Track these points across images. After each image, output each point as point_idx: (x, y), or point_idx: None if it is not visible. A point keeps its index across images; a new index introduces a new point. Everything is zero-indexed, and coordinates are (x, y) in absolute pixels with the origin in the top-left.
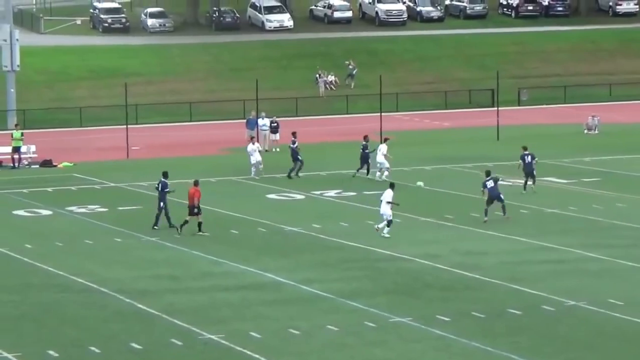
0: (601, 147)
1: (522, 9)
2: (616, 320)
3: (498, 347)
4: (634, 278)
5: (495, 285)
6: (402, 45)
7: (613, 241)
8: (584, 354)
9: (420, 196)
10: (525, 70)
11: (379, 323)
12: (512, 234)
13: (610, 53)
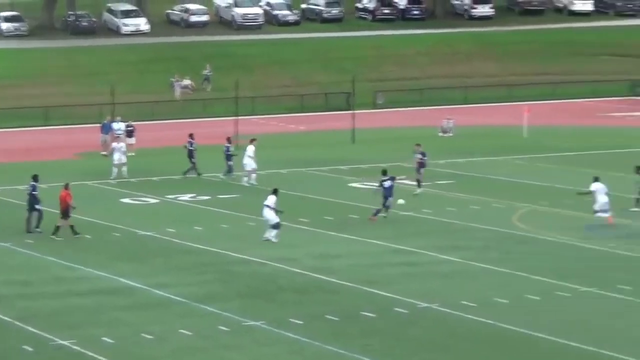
0: (456, 150)
1: (378, 12)
2: (469, 322)
3: (351, 349)
4: (487, 280)
5: (349, 288)
6: (259, 49)
7: (466, 243)
8: (437, 356)
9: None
10: (382, 74)
11: (232, 327)
12: (366, 237)
13: (467, 56)
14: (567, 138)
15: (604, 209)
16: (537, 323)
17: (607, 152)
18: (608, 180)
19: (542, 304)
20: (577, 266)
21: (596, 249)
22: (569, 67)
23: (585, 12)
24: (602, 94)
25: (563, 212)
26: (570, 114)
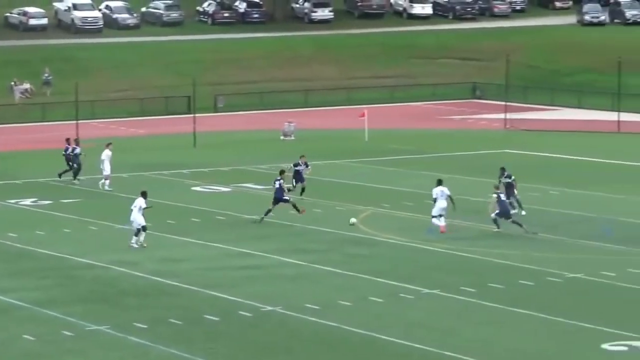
0: (297, 153)
1: (218, 16)
2: (312, 324)
3: (195, 353)
4: (330, 282)
5: (192, 291)
6: (98, 53)
7: (309, 246)
8: (281, 358)
9: (113, 203)
10: (222, 77)
11: (75, 331)
12: (209, 241)
13: (307, 59)
14: (408, 141)
15: (440, 214)
16: (381, 325)
17: (449, 155)
18: (449, 182)
19: (386, 306)
20: (420, 268)
21: (438, 250)
22: (409, 70)
23: (425, 16)
24: (443, 97)
25: (404, 215)
26: (411, 117)
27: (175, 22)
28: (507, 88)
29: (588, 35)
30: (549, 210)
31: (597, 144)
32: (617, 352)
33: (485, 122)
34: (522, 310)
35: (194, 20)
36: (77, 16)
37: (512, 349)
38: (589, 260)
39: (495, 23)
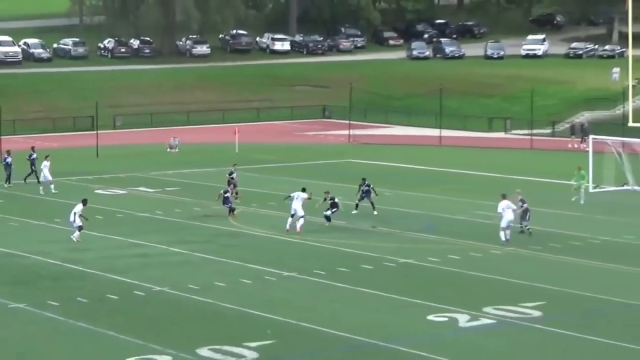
0: (181, 163)
1: (116, 51)
2: (195, 302)
3: (99, 326)
4: (208, 267)
5: (96, 275)
6: (19, 81)
7: (191, 238)
8: (170, 329)
9: (33, 203)
10: (120, 101)
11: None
12: (109, 234)
13: (189, 87)
14: (271, 152)
15: (299, 215)
16: (250, 302)
17: (304, 164)
18: (305, 186)
19: (254, 286)
20: (281, 255)
21: (295, 241)
22: (271, 95)
23: (284, 51)
24: (298, 117)
25: (268, 213)
26: (273, 133)
27: (81, 56)
28: (351, 109)
29: (415, 67)
30: (386, 208)
31: (423, 155)
32: (439, 322)
33: (333, 137)
34: (364, 289)
35: (97, 55)
36: (1, 51)
37: (358, 322)
38: (418, 248)
39: (341, 57)
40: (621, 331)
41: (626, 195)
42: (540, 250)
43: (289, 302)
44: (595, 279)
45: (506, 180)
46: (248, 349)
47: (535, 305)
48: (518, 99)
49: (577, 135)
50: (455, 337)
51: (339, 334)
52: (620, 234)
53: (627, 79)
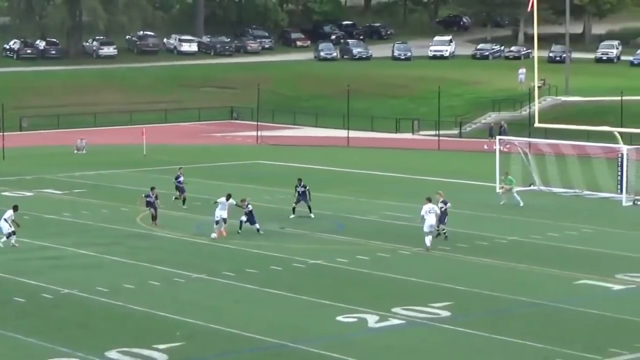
0: (88, 164)
1: (22, 52)
2: (103, 304)
3: (6, 329)
4: (117, 269)
5: (3, 278)
6: None
7: (99, 240)
8: (78, 332)
9: None
10: (26, 102)
11: None
12: (17, 236)
13: (95, 88)
14: (179, 154)
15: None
16: (158, 304)
17: (213, 165)
18: (215, 187)
19: (162, 288)
20: (190, 257)
21: (204, 243)
22: (179, 96)
23: (191, 52)
24: (206, 119)
25: (177, 214)
26: (180, 134)
27: None
28: (259, 111)
29: (323, 68)
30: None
31: (331, 156)
32: (348, 322)
33: (241, 139)
34: (273, 290)
35: (2, 56)
36: None
37: (267, 323)
38: (327, 249)
39: (249, 58)
40: (528, 330)
41: (533, 195)
42: (448, 250)
43: (198, 303)
44: (503, 278)
45: (414, 180)
46: (157, 351)
47: (443, 305)
48: (425, 100)
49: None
50: (364, 338)
51: (249, 335)
52: (527, 234)
53: (533, 80)
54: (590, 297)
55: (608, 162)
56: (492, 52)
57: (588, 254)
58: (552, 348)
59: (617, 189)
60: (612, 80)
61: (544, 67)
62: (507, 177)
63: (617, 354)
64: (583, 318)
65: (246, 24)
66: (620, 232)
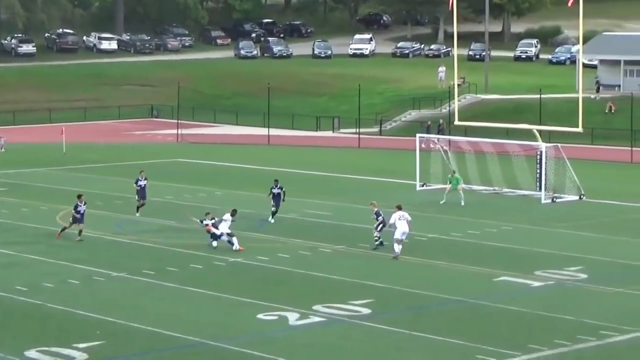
0: (7, 163)
1: None
2: (22, 303)
3: None
4: (36, 268)
5: None
6: None
7: (19, 239)
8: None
9: None
10: None
11: None
12: None
13: (14, 86)
14: (99, 152)
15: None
16: (79, 302)
17: (133, 163)
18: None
19: (83, 286)
20: (110, 256)
21: (125, 241)
22: (98, 94)
23: (111, 50)
24: (126, 117)
25: (97, 212)
26: (100, 133)
27: None
28: (179, 109)
29: (243, 66)
30: (216, 207)
31: (252, 154)
32: (269, 320)
33: (161, 137)
34: (194, 288)
35: None
36: None
37: (188, 321)
38: (248, 247)
39: (169, 56)
40: (448, 327)
41: (452, 193)
42: (369, 248)
43: (118, 302)
44: (423, 276)
45: (335, 178)
46: (77, 350)
47: (364, 302)
48: (346, 98)
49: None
50: (285, 336)
51: (169, 334)
52: (447, 232)
53: (453, 78)
54: (509, 294)
55: (527, 159)
56: (412, 51)
57: (508, 251)
58: (472, 345)
59: (536, 187)
60: (530, 79)
61: (463, 65)
62: (453, 176)
63: (537, 350)
64: (503, 314)
65: (166, 22)
66: (539, 229)
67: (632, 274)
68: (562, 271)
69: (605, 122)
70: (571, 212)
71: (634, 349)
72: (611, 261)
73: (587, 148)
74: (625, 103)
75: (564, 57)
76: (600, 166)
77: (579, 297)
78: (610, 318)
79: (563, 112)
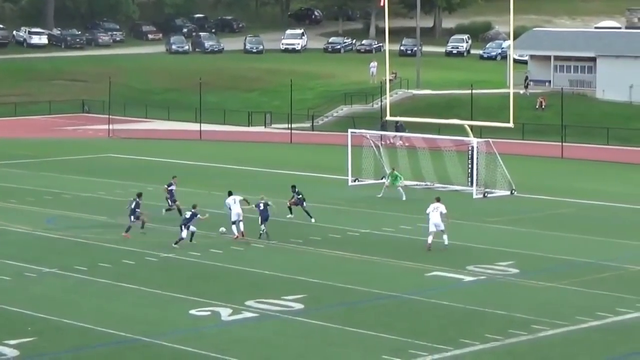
0: None
1: None
2: None
3: None
4: None
5: None
6: None
7: None
8: None
9: None
10: None
11: None
12: None
13: None
14: (30, 148)
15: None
16: (10, 299)
17: (64, 159)
18: (65, 181)
19: (13, 283)
20: (42, 252)
21: (55, 237)
22: (29, 89)
23: (42, 45)
24: (57, 112)
25: (28, 208)
26: (30, 128)
27: None
28: (110, 104)
29: (175, 61)
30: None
31: (184, 149)
32: (201, 316)
33: (92, 132)
34: (126, 284)
35: None
36: None
37: (120, 317)
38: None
39: (100, 51)
40: (381, 322)
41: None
42: (301, 243)
43: (50, 298)
44: (355, 271)
45: (267, 174)
46: (8, 347)
47: (296, 298)
48: (278, 93)
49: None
50: (217, 331)
51: (102, 330)
52: (379, 227)
53: (385, 74)
54: (441, 289)
55: (459, 155)
56: (343, 46)
57: (440, 245)
58: (405, 339)
59: (467, 182)
60: (462, 74)
61: (395, 60)
62: (392, 172)
63: (469, 345)
64: (435, 309)
65: (97, 17)
66: (471, 224)
67: (563, 268)
68: (493, 266)
69: (536, 118)
70: (502, 207)
71: (566, 343)
72: (542, 256)
73: (518, 143)
74: (555, 98)
75: (494, 52)
76: (531, 161)
77: (510, 292)
78: (541, 312)
79: (494, 108)
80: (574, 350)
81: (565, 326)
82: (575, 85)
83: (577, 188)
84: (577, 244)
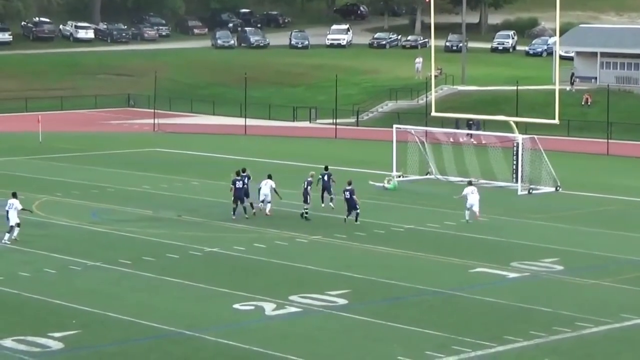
0: None
1: None
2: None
3: None
4: (12, 257)
5: None
6: None
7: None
8: None
9: None
10: None
11: None
12: None
13: None
14: (76, 142)
15: (268, 200)
16: (55, 292)
17: (109, 153)
18: (111, 175)
19: (58, 276)
20: (86, 245)
21: (101, 230)
22: (74, 83)
23: (88, 39)
24: (102, 106)
25: (74, 202)
26: (77, 122)
27: None
28: (155, 98)
29: (220, 56)
30: (192, 197)
31: (229, 144)
32: (245, 310)
33: (138, 126)
34: (170, 278)
35: None
36: None
37: (164, 311)
38: (224, 237)
39: (145, 46)
40: (424, 318)
41: (429, 184)
42: (346, 238)
43: (94, 291)
44: (399, 266)
45: (312, 169)
46: (53, 340)
47: (340, 293)
48: (323, 89)
49: (462, 128)
50: (261, 326)
51: (145, 323)
52: (423, 222)
53: (430, 70)
54: (485, 285)
55: (504, 151)
56: (389, 41)
57: (484, 242)
58: (448, 335)
59: (512, 178)
60: (507, 70)
61: (440, 56)
62: (394, 181)
63: (513, 341)
64: (478, 306)
65: (143, 11)
66: (515, 220)
67: (608, 265)
68: (538, 263)
69: (582, 114)
70: (547, 203)
71: (609, 340)
72: (587, 253)
73: (563, 140)
74: (601, 95)
75: (540, 49)
76: (576, 158)
77: (554, 289)
78: (585, 310)
79: (539, 104)
80: (618, 348)
81: (610, 324)
82: (621, 82)
83: (622, 185)
84: (621, 241)
